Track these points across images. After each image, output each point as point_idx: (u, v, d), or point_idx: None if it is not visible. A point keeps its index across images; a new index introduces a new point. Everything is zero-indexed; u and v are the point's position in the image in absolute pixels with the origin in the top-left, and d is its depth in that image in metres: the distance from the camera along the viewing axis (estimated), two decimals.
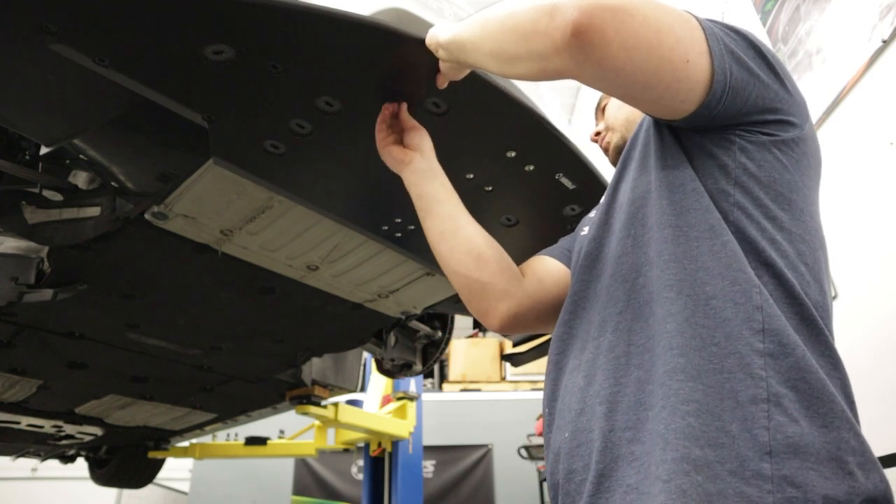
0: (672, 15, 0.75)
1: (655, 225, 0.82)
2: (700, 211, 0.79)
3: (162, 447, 3.57)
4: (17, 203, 1.49)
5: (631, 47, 0.72)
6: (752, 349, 0.69)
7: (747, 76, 0.80)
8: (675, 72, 0.75)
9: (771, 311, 0.71)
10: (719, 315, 0.72)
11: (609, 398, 0.76)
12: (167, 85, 1.08)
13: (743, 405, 0.66)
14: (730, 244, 0.76)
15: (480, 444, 5.98)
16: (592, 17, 0.70)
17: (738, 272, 0.74)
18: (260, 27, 0.97)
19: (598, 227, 0.94)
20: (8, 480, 7.14)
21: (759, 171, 0.81)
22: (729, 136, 0.82)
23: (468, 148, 1.27)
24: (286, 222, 1.44)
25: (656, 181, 0.85)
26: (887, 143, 1.90)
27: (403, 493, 3.49)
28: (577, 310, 0.91)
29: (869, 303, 1.92)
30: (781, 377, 0.68)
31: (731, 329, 0.71)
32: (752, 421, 0.65)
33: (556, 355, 0.91)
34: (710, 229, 0.78)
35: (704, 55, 0.76)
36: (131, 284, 1.71)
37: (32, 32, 0.95)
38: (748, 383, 0.67)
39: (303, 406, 2.73)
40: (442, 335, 2.61)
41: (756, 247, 0.77)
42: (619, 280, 0.84)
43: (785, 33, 2.48)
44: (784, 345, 0.69)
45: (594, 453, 0.74)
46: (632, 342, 0.78)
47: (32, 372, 2.24)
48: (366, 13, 1.02)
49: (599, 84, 0.79)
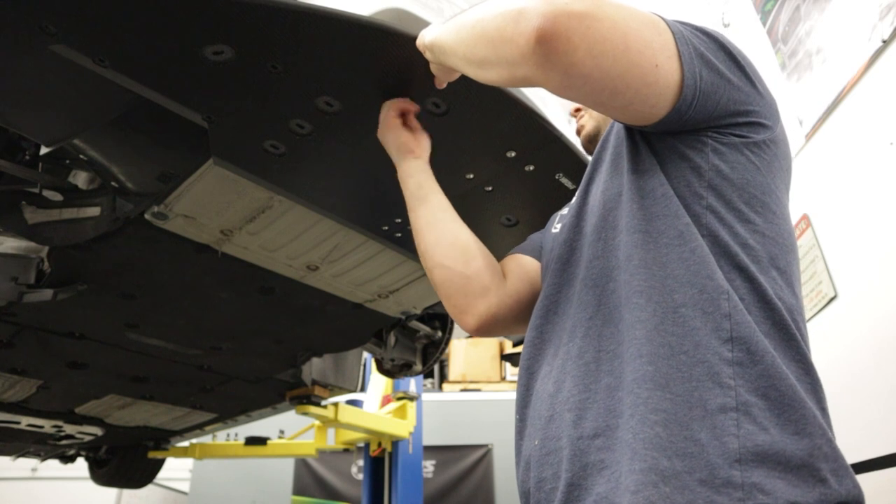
0: (640, 19, 0.74)
1: (625, 229, 0.81)
2: (669, 217, 0.79)
3: (162, 447, 3.57)
4: (17, 203, 1.49)
5: (598, 54, 0.70)
6: (721, 358, 0.69)
7: (718, 79, 0.79)
8: (644, 77, 0.73)
9: (740, 319, 0.71)
10: (688, 324, 0.71)
11: (578, 405, 0.74)
12: (167, 85, 1.08)
13: (712, 414, 0.66)
14: (698, 250, 0.75)
15: (480, 444, 5.98)
16: (557, 23, 0.68)
17: (707, 279, 0.73)
18: (260, 27, 0.97)
19: (569, 229, 0.93)
20: (8, 480, 7.14)
21: (732, 172, 0.80)
22: (701, 138, 0.81)
23: (468, 148, 1.27)
24: (286, 222, 1.44)
25: (627, 185, 0.84)
26: (887, 143, 1.90)
27: (403, 493, 3.49)
28: (548, 314, 0.89)
29: (869, 303, 1.92)
30: (750, 385, 0.67)
31: (700, 338, 0.70)
32: (722, 429, 0.65)
33: (528, 360, 0.89)
34: (679, 235, 0.77)
35: (674, 59, 0.74)
36: (131, 284, 1.71)
37: (32, 33, 0.95)
38: (717, 392, 0.67)
39: (303, 406, 2.73)
40: (442, 335, 2.61)
41: (729, 251, 0.76)
42: (590, 285, 0.83)
43: (785, 33, 2.48)
44: (753, 352, 0.69)
45: (563, 461, 0.73)
46: (601, 348, 0.77)
47: (32, 372, 2.24)
48: (365, 13, 1.02)
49: (567, 92, 0.77)
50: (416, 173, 1.08)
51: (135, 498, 5.72)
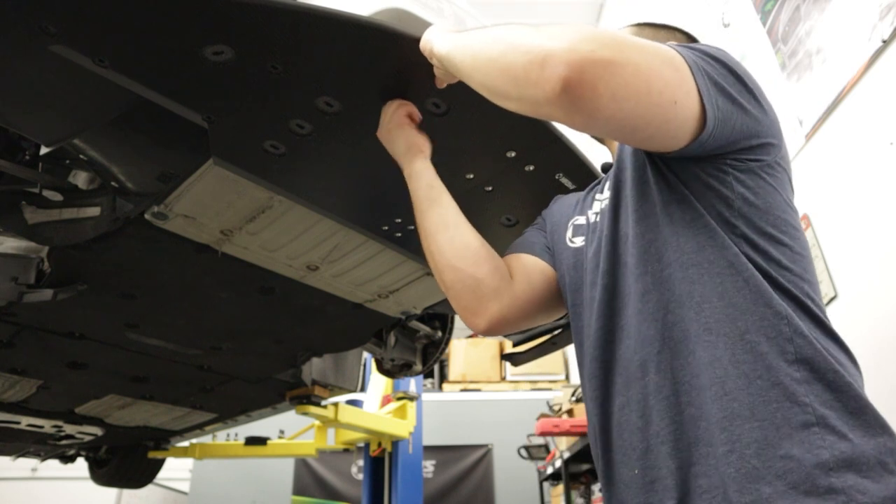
0: (660, 57, 0.76)
1: (675, 263, 0.84)
2: (717, 248, 0.82)
3: (162, 447, 3.57)
4: (17, 203, 1.49)
5: (621, 98, 0.72)
6: (792, 378, 0.74)
7: (731, 106, 0.82)
8: (665, 115, 0.76)
9: (801, 341, 0.76)
10: (756, 349, 0.76)
11: (670, 437, 0.79)
12: (167, 86, 1.08)
13: (797, 431, 0.71)
14: (752, 280, 0.80)
15: (480, 444, 5.98)
16: (584, 72, 0.69)
17: (765, 307, 0.78)
18: (260, 27, 0.97)
19: (606, 258, 0.95)
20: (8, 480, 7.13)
21: (756, 198, 0.84)
22: (722, 167, 0.84)
23: (468, 148, 1.27)
24: (286, 222, 1.44)
25: (663, 215, 0.87)
26: (887, 143, 1.90)
27: (403, 493, 3.48)
28: (606, 345, 0.92)
29: (869, 303, 1.92)
30: (820, 399, 0.73)
31: (770, 361, 0.75)
32: (811, 443, 0.70)
33: (596, 391, 0.92)
34: (731, 266, 0.81)
35: (692, 94, 0.77)
36: (131, 284, 1.71)
37: (32, 33, 0.95)
38: (796, 410, 0.72)
39: (303, 406, 2.73)
40: (442, 335, 2.61)
41: (770, 275, 0.80)
42: (649, 319, 0.86)
43: (785, 33, 2.48)
44: (816, 370, 0.74)
45: (668, 490, 0.78)
46: (677, 380, 0.81)
47: (32, 372, 2.24)
48: (365, 13, 1.02)
49: (590, 130, 0.82)
50: (426, 173, 1.09)
51: (135, 498, 5.72)
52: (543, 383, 6.48)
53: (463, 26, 1.27)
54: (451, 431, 5.93)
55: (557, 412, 4.11)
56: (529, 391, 6.46)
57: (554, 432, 3.76)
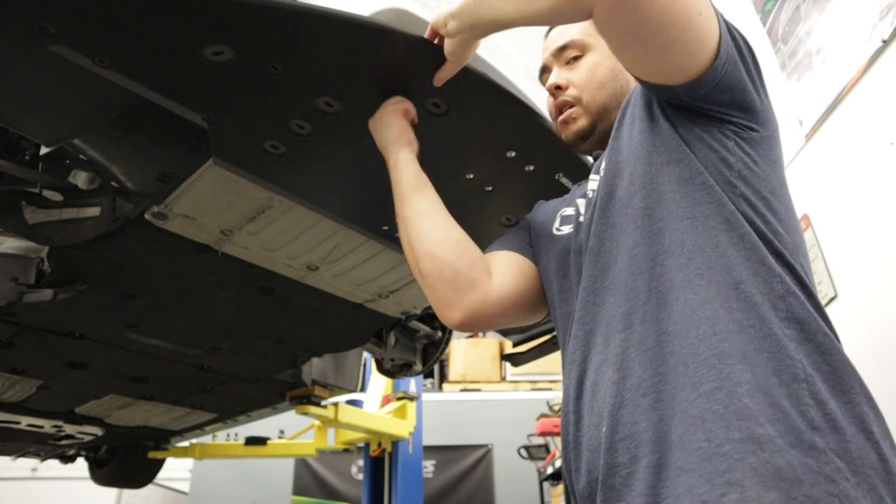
0: None
1: (668, 216, 0.84)
2: (713, 204, 0.82)
3: (162, 447, 3.57)
4: (17, 203, 1.49)
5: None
6: (784, 334, 0.74)
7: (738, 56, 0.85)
8: (689, 18, 0.78)
9: (793, 300, 0.76)
10: (750, 300, 0.76)
11: (652, 388, 0.76)
12: (167, 86, 1.08)
13: (787, 383, 0.71)
14: (747, 236, 0.80)
15: (480, 444, 5.98)
16: None
17: (758, 263, 0.78)
18: (260, 28, 0.97)
19: (596, 221, 0.93)
20: (8, 480, 7.13)
21: (755, 165, 0.85)
22: (725, 132, 0.86)
23: (468, 148, 1.27)
24: (286, 222, 1.44)
25: (662, 175, 0.87)
26: (887, 143, 1.90)
27: (403, 493, 3.49)
28: (588, 305, 0.90)
29: (869, 303, 1.92)
30: (809, 360, 0.73)
31: (763, 313, 0.75)
32: (798, 398, 0.70)
33: (575, 353, 0.89)
34: (726, 221, 0.81)
35: (712, 16, 0.80)
36: (131, 284, 1.71)
37: (32, 33, 0.95)
38: (787, 363, 0.72)
39: (303, 406, 2.73)
40: (442, 335, 2.61)
41: (766, 237, 0.80)
42: (636, 271, 0.84)
43: (785, 33, 2.48)
44: (806, 331, 0.75)
45: (645, 444, 0.74)
46: (661, 330, 0.79)
47: (32, 372, 2.24)
48: (365, 13, 1.03)
49: (617, 14, 0.79)
50: (413, 164, 1.08)
51: (135, 498, 5.72)
52: (543, 383, 6.48)
53: None
54: (451, 431, 5.93)
55: (557, 412, 4.11)
56: (529, 391, 6.47)
57: (554, 432, 3.77)
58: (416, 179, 1.07)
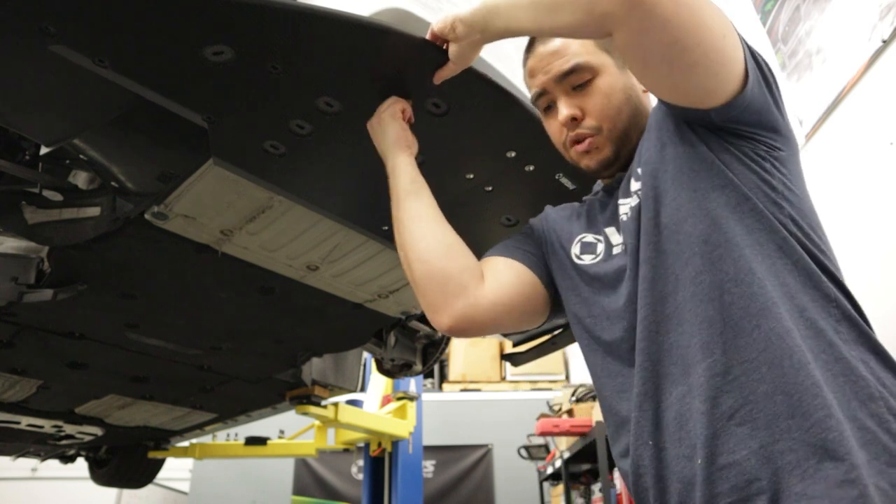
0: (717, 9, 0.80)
1: (728, 243, 0.83)
2: (765, 231, 0.83)
3: (162, 447, 3.57)
4: (17, 203, 1.49)
5: (684, 18, 0.76)
6: (850, 355, 0.77)
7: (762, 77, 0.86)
8: (714, 41, 0.79)
9: (847, 325, 0.80)
10: (816, 325, 0.79)
11: (747, 417, 0.76)
12: (167, 86, 1.08)
13: (865, 403, 0.74)
14: (800, 262, 0.82)
15: (480, 444, 5.98)
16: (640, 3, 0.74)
17: (814, 289, 0.81)
18: (260, 28, 0.97)
19: (646, 248, 0.90)
20: (8, 480, 7.13)
21: (792, 185, 0.86)
22: (758, 151, 0.86)
23: (468, 148, 1.27)
24: (286, 222, 1.44)
25: (711, 201, 0.86)
26: (887, 143, 1.90)
27: (403, 493, 3.48)
28: (652, 335, 0.87)
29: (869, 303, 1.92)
30: (876, 377, 0.77)
31: (829, 338, 0.78)
32: (880, 416, 0.73)
33: (646, 384, 0.86)
34: (779, 248, 0.82)
35: (736, 38, 0.81)
36: (131, 284, 1.71)
37: (32, 34, 0.95)
38: (861, 384, 0.75)
39: (303, 406, 2.73)
40: (442, 335, 2.61)
41: (816, 259, 0.83)
42: (705, 300, 0.83)
43: (785, 33, 2.48)
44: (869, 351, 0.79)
45: (749, 472, 0.75)
46: (743, 359, 0.79)
47: (32, 372, 2.24)
48: (365, 13, 1.03)
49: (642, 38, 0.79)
50: (410, 168, 1.08)
51: (135, 498, 5.72)
52: (543, 383, 6.48)
53: None
54: (451, 431, 5.92)
55: (557, 412, 4.11)
56: (529, 391, 6.46)
57: (554, 432, 3.76)
58: (412, 184, 1.06)
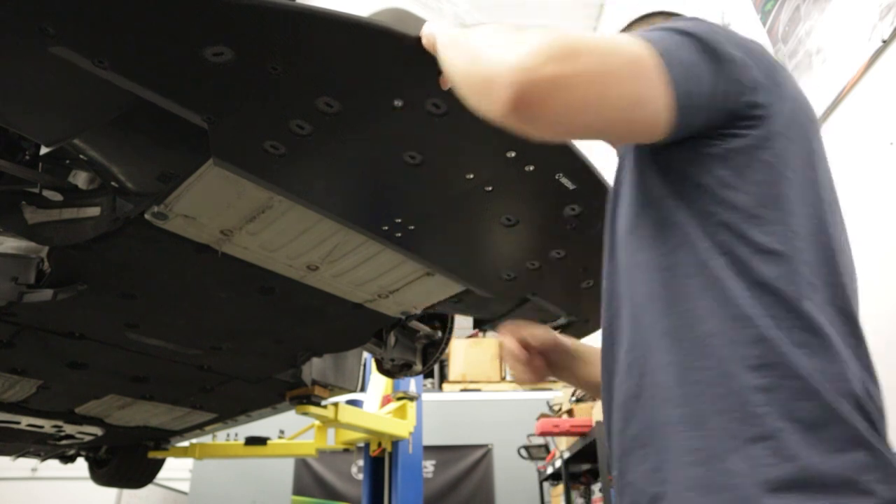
0: (621, 56, 0.71)
1: (644, 266, 0.82)
2: (687, 246, 0.77)
3: (162, 447, 3.57)
4: (17, 203, 1.49)
5: (576, 111, 0.69)
6: (751, 386, 0.69)
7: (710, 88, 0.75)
8: (628, 117, 0.73)
9: (770, 344, 0.70)
10: (716, 354, 0.72)
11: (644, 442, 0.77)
12: (167, 87, 1.08)
13: (745, 445, 0.67)
14: (720, 280, 0.74)
15: (480, 444, 5.98)
16: (530, 92, 0.67)
17: (734, 307, 0.73)
18: (259, 29, 0.97)
19: (607, 262, 0.93)
20: (8, 480, 7.14)
21: (739, 179, 0.77)
22: (701, 150, 0.79)
23: (468, 148, 1.27)
24: (286, 222, 1.45)
25: (643, 219, 0.84)
26: (887, 143, 1.90)
27: (403, 493, 3.49)
28: (608, 351, 0.90)
29: (869, 303, 1.92)
30: (782, 410, 0.67)
31: (728, 367, 0.71)
32: (756, 460, 0.66)
33: (606, 393, 0.90)
34: (699, 264, 0.76)
35: (659, 87, 0.71)
36: (131, 284, 1.71)
37: (31, 35, 0.95)
38: (749, 422, 0.67)
39: (303, 406, 2.73)
40: (442, 335, 2.61)
41: (747, 266, 0.74)
42: (630, 322, 0.84)
43: (785, 33, 2.48)
44: (783, 376, 0.68)
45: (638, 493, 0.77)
46: (642, 385, 0.79)
47: (32, 372, 2.24)
48: (365, 14, 1.03)
49: (556, 139, 0.78)
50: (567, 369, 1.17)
51: (135, 498, 5.73)
52: (543, 383, 6.47)
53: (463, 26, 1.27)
54: (451, 431, 5.93)
55: (557, 412, 4.12)
56: (529, 391, 6.46)
57: (554, 432, 3.76)
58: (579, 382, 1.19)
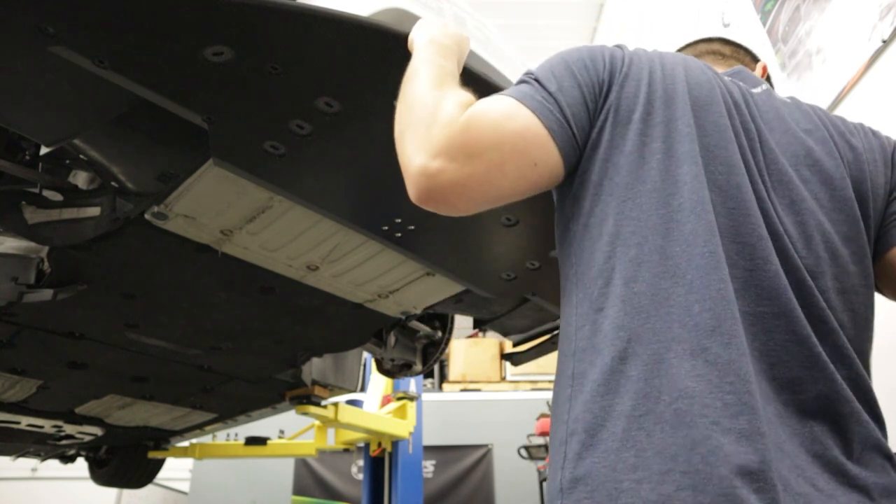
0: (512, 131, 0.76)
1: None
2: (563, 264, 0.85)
3: (162, 447, 3.57)
4: (17, 203, 1.49)
5: (479, 199, 0.78)
6: (566, 396, 0.75)
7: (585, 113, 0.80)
8: (528, 181, 0.79)
9: (580, 356, 0.75)
10: (559, 367, 0.79)
11: None
12: (167, 86, 1.08)
13: (556, 447, 0.73)
14: (567, 296, 0.82)
15: (480, 444, 5.98)
16: (431, 192, 0.76)
17: (567, 325, 0.80)
18: (259, 29, 0.97)
19: None
20: (8, 480, 7.14)
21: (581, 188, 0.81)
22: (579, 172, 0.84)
23: None
24: (286, 222, 1.45)
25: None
26: None
27: (403, 493, 3.49)
28: None
29: None
30: (575, 414, 0.72)
31: (560, 378, 0.77)
32: (555, 464, 0.72)
33: None
34: (566, 278, 0.83)
35: (548, 145, 0.77)
36: (131, 284, 1.71)
37: (32, 35, 0.95)
38: (561, 428, 0.73)
39: (303, 406, 2.73)
40: (442, 335, 2.61)
41: (575, 276, 0.80)
42: None
43: (785, 33, 2.48)
44: (583, 384, 0.72)
45: None
46: None
47: (32, 372, 2.24)
48: (365, 14, 1.03)
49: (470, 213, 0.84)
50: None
51: (135, 498, 5.74)
52: (543, 383, 6.48)
53: (463, 26, 1.27)
54: (451, 431, 5.93)
55: None
56: (529, 391, 6.47)
57: None
58: None
